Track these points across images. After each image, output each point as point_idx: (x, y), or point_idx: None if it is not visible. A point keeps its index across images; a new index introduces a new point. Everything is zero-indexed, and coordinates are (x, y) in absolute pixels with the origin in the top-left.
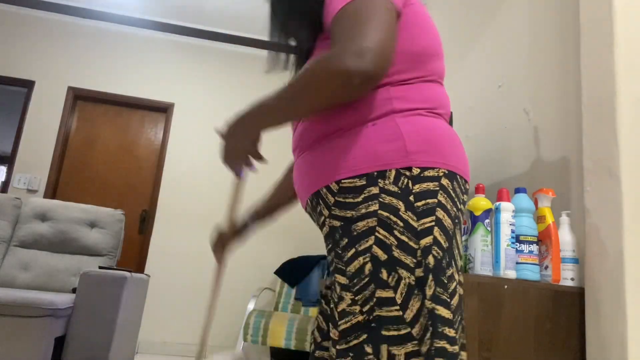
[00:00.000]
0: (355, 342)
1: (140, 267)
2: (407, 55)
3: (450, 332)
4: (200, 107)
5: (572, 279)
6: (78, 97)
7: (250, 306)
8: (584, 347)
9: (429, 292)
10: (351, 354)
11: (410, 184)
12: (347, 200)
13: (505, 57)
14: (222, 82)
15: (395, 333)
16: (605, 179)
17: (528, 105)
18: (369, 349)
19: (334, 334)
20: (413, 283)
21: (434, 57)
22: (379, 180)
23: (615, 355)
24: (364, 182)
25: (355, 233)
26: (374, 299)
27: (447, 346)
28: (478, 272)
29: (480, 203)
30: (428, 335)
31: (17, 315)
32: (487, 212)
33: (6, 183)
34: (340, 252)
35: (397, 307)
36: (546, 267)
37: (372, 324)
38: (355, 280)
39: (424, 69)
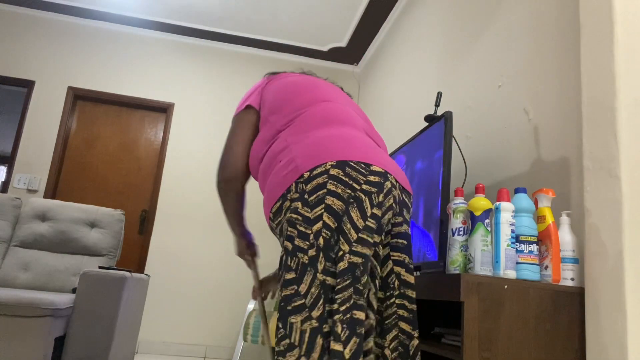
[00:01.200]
0: (276, 321)
1: (140, 267)
2: (274, 110)
3: (337, 296)
4: (200, 107)
5: (572, 279)
6: (78, 97)
7: (250, 306)
8: (584, 347)
9: (320, 267)
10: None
11: (304, 186)
12: (278, 219)
13: (505, 57)
14: (222, 82)
15: (293, 305)
16: (605, 179)
17: (528, 105)
18: (280, 324)
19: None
20: (306, 262)
21: (289, 99)
22: (288, 195)
23: (615, 355)
24: (280, 202)
25: (282, 236)
26: (282, 281)
27: (335, 306)
28: (478, 272)
29: (480, 203)
30: (321, 301)
31: (17, 315)
32: (487, 212)
33: (6, 183)
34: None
35: (296, 285)
36: (546, 267)
37: (282, 303)
38: (284, 259)
39: (287, 111)
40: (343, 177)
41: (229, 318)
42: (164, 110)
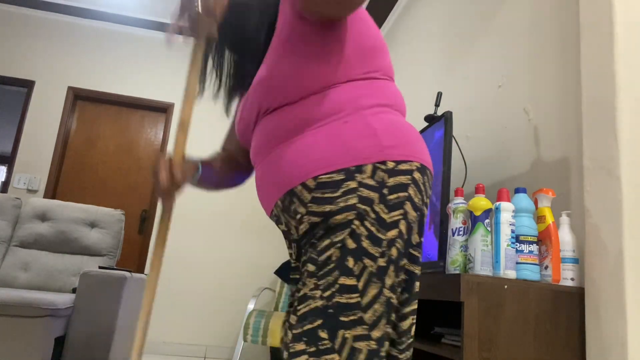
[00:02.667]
0: (309, 326)
1: (140, 267)
2: (359, 50)
3: (403, 323)
4: (200, 107)
5: (572, 279)
6: (78, 97)
7: (250, 306)
8: (584, 347)
9: (388, 282)
10: (305, 339)
11: (385, 177)
12: (326, 195)
13: (505, 57)
14: None
15: (351, 318)
16: (605, 179)
17: (528, 105)
18: (323, 334)
19: (292, 319)
20: (374, 271)
21: (382, 53)
22: (357, 175)
23: (615, 355)
24: (343, 177)
25: (332, 225)
26: (337, 285)
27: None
28: (478, 272)
29: (480, 203)
30: (383, 322)
31: (17, 315)
32: (487, 212)
33: (6, 183)
34: (315, 242)
35: (358, 294)
36: (546, 267)
37: (330, 310)
38: (322, 268)
39: (374, 64)
40: (421, 185)
41: (229, 318)
42: (164, 110)
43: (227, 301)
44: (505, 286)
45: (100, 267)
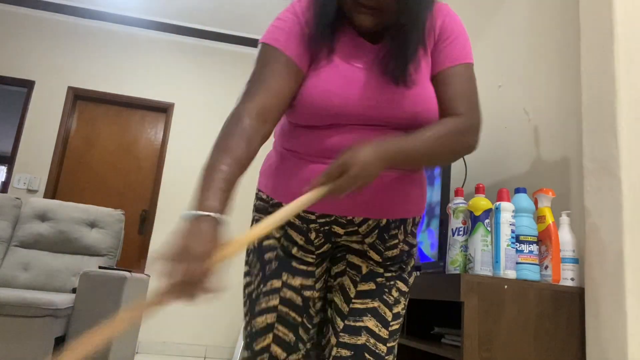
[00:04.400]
0: (393, 344)
1: (140, 267)
2: None
3: None
4: (200, 107)
5: (572, 279)
6: (78, 97)
7: None
8: (584, 347)
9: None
10: (394, 352)
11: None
12: (414, 231)
13: (505, 57)
14: (222, 82)
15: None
16: (605, 179)
17: (528, 105)
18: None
19: (382, 332)
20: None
21: None
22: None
23: (615, 355)
24: (419, 222)
25: (414, 257)
26: (397, 315)
27: None
28: (478, 272)
29: (480, 203)
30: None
31: (17, 315)
32: (487, 212)
33: (6, 183)
34: (405, 267)
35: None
36: (546, 267)
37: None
38: (408, 292)
39: None
40: None
41: (229, 318)
42: (164, 110)
43: (227, 301)
44: (505, 286)
45: (100, 267)
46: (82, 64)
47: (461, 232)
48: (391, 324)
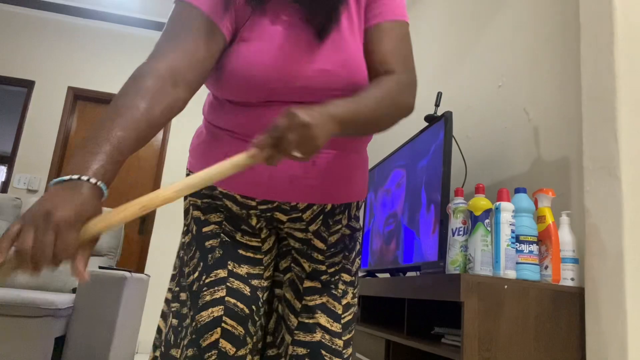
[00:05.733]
0: (351, 333)
1: (140, 267)
2: None
3: None
4: (200, 107)
5: (572, 279)
6: (78, 97)
7: None
8: (584, 347)
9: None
10: (351, 344)
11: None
12: (357, 215)
13: (505, 57)
14: None
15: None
16: (605, 179)
17: (528, 105)
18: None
19: (335, 327)
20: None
21: None
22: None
23: (615, 355)
24: (362, 206)
25: (358, 241)
26: (350, 306)
27: None
28: (478, 272)
29: (480, 203)
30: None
31: (17, 315)
32: (487, 212)
33: (6, 183)
34: (348, 253)
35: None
36: (546, 267)
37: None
38: (355, 279)
39: None
40: None
41: None
42: None
43: None
44: (505, 286)
45: (100, 267)
46: (82, 64)
47: (461, 232)
48: (343, 316)
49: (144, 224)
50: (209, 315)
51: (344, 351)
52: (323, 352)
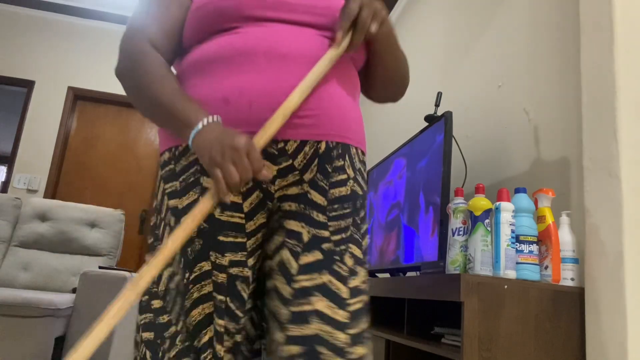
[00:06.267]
0: (362, 328)
1: (140, 267)
2: None
3: None
4: None
5: (572, 279)
6: (78, 97)
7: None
8: (584, 347)
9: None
10: (363, 341)
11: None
12: (363, 172)
13: (505, 57)
14: None
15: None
16: (605, 179)
17: (528, 105)
18: (366, 333)
19: (339, 315)
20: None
21: None
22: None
23: (615, 355)
24: (366, 168)
25: (364, 209)
26: (357, 290)
27: None
28: (478, 272)
29: (480, 203)
30: None
31: (17, 315)
32: (487, 212)
33: (6, 183)
34: (359, 222)
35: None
36: (546, 267)
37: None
38: (365, 259)
39: None
40: None
41: None
42: None
43: None
44: (505, 286)
45: (100, 267)
46: (82, 64)
47: (461, 232)
48: (349, 302)
49: (144, 224)
50: (199, 313)
51: (349, 349)
52: (319, 348)
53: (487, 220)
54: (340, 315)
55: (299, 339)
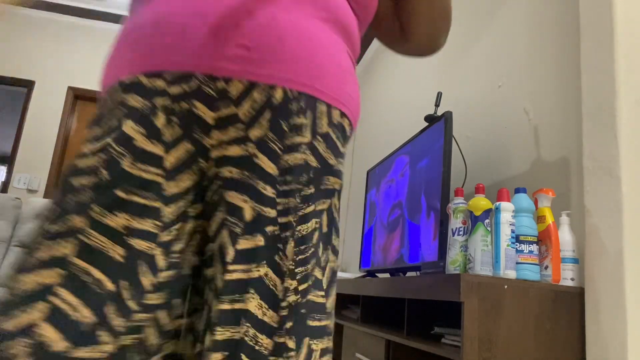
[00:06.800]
0: (327, 322)
1: None
2: None
3: None
4: None
5: (572, 279)
6: (78, 97)
7: None
8: (584, 347)
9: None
10: (303, 350)
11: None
12: (338, 139)
13: (505, 57)
14: None
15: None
16: (605, 179)
17: (528, 105)
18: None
19: (268, 316)
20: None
21: None
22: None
23: (615, 355)
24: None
25: (322, 187)
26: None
27: None
28: (478, 272)
29: (480, 203)
30: None
31: None
32: (487, 212)
33: (6, 183)
34: (303, 201)
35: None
36: (546, 267)
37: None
38: (333, 260)
39: None
40: None
41: None
42: None
43: None
44: (505, 286)
45: None
46: (82, 64)
47: (461, 232)
48: (285, 301)
49: None
50: (33, 281)
51: (271, 359)
52: (243, 356)
53: (487, 220)
54: (269, 317)
55: (222, 344)
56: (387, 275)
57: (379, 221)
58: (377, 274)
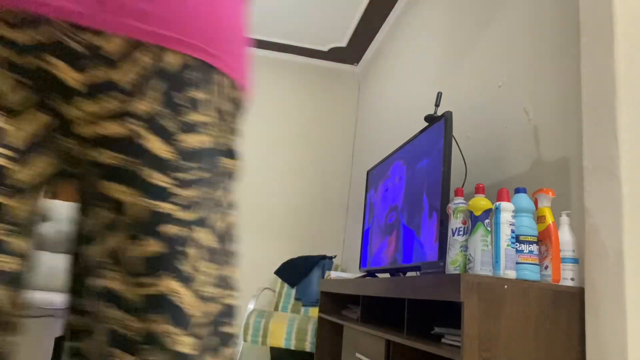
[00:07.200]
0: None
1: None
2: None
3: None
4: None
5: (572, 279)
6: None
7: (250, 306)
8: (584, 347)
9: None
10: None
11: None
12: (235, 119)
13: (505, 57)
14: None
15: None
16: (605, 179)
17: (528, 105)
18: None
19: (183, 344)
20: None
21: None
22: None
23: (615, 355)
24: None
25: (217, 171)
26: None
27: None
28: (478, 272)
29: (480, 203)
30: None
31: None
32: (487, 212)
33: None
34: (220, 193)
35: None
36: (546, 267)
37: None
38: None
39: None
40: None
41: None
42: None
43: None
44: (505, 286)
45: None
46: None
47: (461, 232)
48: (196, 322)
49: None
50: None
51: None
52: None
53: (487, 220)
54: (183, 343)
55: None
56: (387, 275)
57: (376, 223)
58: (376, 274)
